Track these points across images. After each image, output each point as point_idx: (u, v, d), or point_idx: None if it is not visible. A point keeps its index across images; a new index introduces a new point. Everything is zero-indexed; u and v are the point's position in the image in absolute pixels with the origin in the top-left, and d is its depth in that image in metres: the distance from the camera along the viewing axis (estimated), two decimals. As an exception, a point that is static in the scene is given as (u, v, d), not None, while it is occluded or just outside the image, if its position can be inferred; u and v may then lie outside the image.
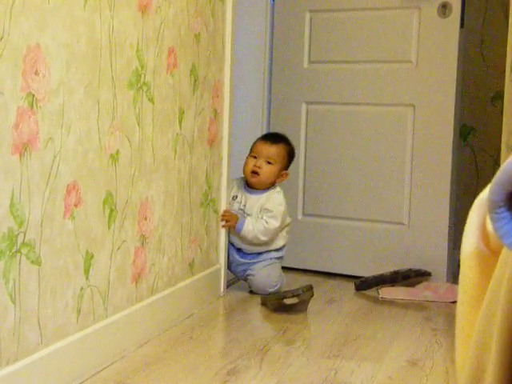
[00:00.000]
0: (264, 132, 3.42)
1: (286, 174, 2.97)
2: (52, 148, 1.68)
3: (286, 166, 2.97)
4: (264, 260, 2.94)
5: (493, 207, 0.81)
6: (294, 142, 3.34)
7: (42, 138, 1.63)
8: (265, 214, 2.90)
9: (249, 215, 2.90)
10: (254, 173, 2.90)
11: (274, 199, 2.93)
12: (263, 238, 2.90)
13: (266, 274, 2.89)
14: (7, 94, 1.50)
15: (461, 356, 1.01)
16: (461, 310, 1.04)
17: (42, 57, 1.62)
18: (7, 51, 1.50)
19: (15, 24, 1.52)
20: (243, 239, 2.91)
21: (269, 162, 2.90)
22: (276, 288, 2.87)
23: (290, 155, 2.99)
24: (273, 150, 2.91)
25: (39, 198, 1.64)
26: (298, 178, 3.36)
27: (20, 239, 1.57)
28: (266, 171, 2.89)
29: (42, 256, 1.66)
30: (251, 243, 2.92)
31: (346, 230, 3.27)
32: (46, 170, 1.66)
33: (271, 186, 2.96)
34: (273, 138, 2.98)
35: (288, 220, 3.00)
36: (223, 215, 2.85)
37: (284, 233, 2.99)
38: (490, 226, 0.89)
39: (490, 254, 0.95)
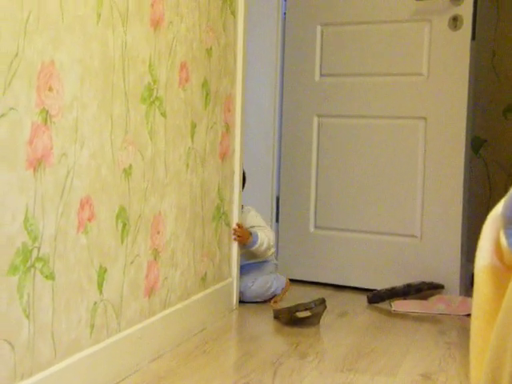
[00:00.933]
0: (276, 145, 3.44)
1: None
2: (66, 163, 1.69)
3: None
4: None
5: (507, 223, 0.81)
6: (305, 155, 3.36)
7: (55, 154, 1.65)
8: (259, 230, 2.99)
9: None
10: None
11: (250, 217, 3.03)
12: (273, 244, 3.03)
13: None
14: (21, 109, 1.52)
15: (475, 371, 1.01)
16: (475, 324, 1.03)
17: (56, 73, 1.63)
18: (22, 68, 1.51)
19: (30, 41, 1.53)
20: (255, 252, 2.94)
21: None
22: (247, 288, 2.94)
23: None
24: None
25: (53, 213, 1.65)
26: (310, 191, 3.36)
27: (34, 254, 1.58)
28: None
29: (56, 271, 1.67)
30: (261, 255, 2.98)
31: (358, 242, 3.27)
32: (60, 185, 1.67)
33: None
34: None
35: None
36: (235, 230, 2.86)
37: None
38: (503, 241, 0.89)
39: (504, 268, 0.94)
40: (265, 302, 2.96)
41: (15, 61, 1.49)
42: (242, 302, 2.91)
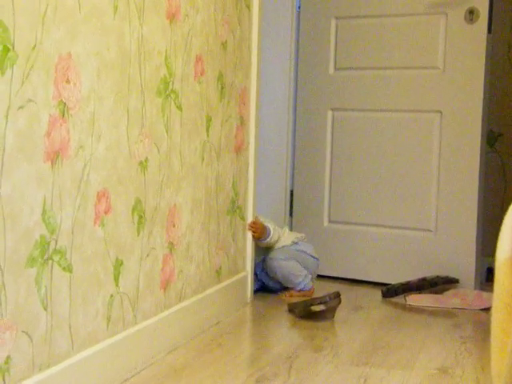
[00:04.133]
0: (290, 139, 3.43)
1: None
2: (83, 156, 1.69)
3: None
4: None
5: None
6: (319, 149, 3.35)
7: (73, 146, 1.65)
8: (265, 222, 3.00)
9: None
10: None
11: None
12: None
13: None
14: (39, 102, 1.52)
15: (497, 363, 1.00)
16: (496, 316, 1.03)
17: (73, 65, 1.64)
18: (39, 60, 1.51)
19: (47, 33, 1.53)
20: (264, 245, 2.96)
21: None
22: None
23: None
24: None
25: (70, 206, 1.65)
26: (324, 185, 3.36)
27: (52, 246, 1.59)
28: None
29: (73, 263, 1.67)
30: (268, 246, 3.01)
31: (372, 236, 3.26)
32: (77, 178, 1.68)
33: None
34: None
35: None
36: (250, 226, 2.86)
37: None
38: (527, 233, 0.89)
39: (526, 260, 0.94)
40: (279, 291, 2.97)
41: (33, 53, 1.49)
42: (257, 288, 2.91)
